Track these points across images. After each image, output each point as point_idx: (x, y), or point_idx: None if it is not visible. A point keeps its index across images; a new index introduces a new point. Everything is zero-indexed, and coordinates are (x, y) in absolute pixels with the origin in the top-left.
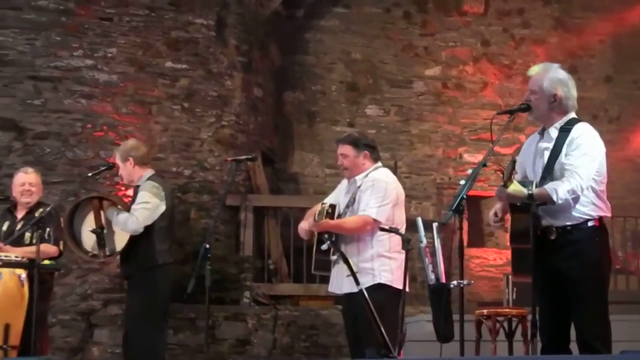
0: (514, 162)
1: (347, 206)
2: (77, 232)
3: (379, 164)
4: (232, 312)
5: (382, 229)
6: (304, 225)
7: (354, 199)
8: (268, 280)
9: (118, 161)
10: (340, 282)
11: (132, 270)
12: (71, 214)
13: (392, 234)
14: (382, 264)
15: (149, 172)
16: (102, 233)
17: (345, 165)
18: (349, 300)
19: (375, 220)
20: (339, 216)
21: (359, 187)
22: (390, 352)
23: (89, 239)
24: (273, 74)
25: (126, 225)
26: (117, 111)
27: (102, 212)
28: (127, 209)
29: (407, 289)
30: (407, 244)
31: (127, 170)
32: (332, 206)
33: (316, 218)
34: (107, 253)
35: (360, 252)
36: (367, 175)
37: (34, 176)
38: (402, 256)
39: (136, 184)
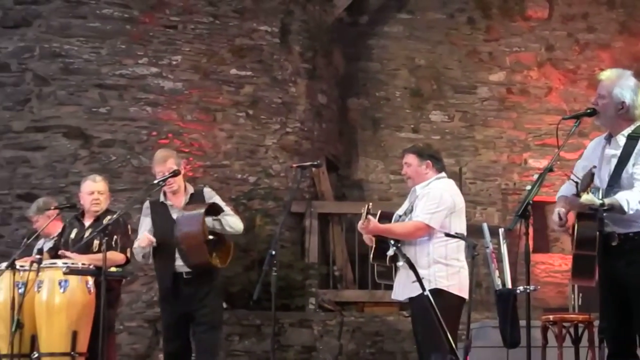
0: (592, 174)
1: (405, 214)
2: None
3: (443, 174)
4: (298, 318)
5: (448, 235)
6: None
7: (412, 207)
8: (333, 287)
9: (173, 165)
10: (402, 289)
11: (211, 279)
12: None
13: (450, 241)
14: (438, 270)
15: None
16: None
17: (408, 174)
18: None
19: (427, 226)
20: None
21: (417, 196)
22: (457, 357)
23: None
24: (337, 80)
25: (238, 226)
26: (182, 119)
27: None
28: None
29: (466, 295)
30: (472, 249)
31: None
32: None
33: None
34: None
35: (417, 259)
36: (427, 185)
37: (102, 184)
38: (460, 263)
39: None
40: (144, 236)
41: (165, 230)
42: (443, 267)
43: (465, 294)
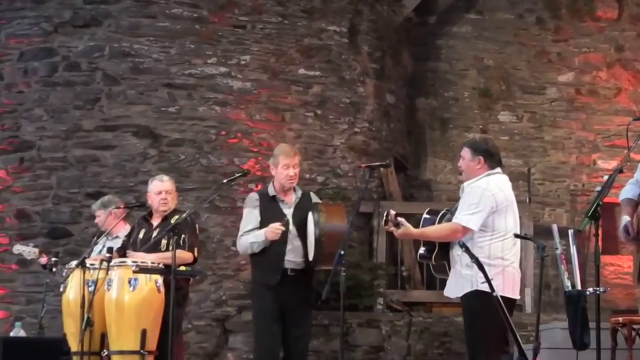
0: None
1: (451, 212)
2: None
3: (496, 170)
4: (366, 318)
5: (517, 236)
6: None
7: (457, 206)
8: (401, 287)
9: (299, 163)
10: (453, 287)
11: (310, 278)
12: None
13: (494, 239)
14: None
15: None
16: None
17: (462, 168)
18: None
19: (465, 228)
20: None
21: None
22: (526, 358)
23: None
24: (405, 80)
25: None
26: (251, 118)
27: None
28: None
29: (512, 294)
30: (542, 251)
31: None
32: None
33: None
34: None
35: (461, 259)
36: (474, 182)
37: (170, 184)
38: (505, 262)
39: (300, 191)
40: (276, 226)
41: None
42: (485, 268)
43: (510, 293)
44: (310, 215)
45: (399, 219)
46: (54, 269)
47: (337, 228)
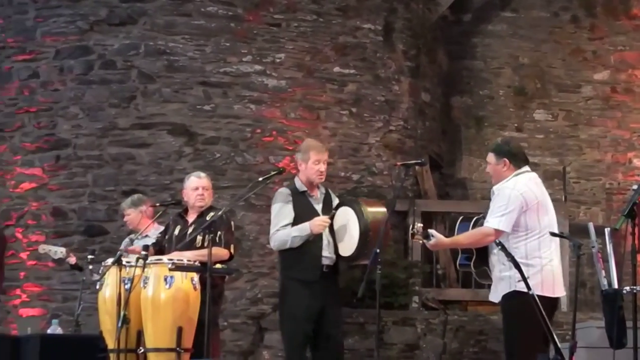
0: None
1: (484, 216)
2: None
3: (523, 169)
4: (401, 316)
5: (553, 234)
6: None
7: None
8: (436, 285)
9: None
10: (494, 290)
11: (338, 275)
12: None
13: (530, 238)
14: (517, 271)
15: None
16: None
17: (490, 174)
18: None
19: (496, 231)
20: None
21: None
22: (562, 358)
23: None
24: (440, 78)
25: None
26: (286, 116)
27: None
28: None
29: (551, 293)
30: (578, 249)
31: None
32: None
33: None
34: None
35: (499, 260)
36: (502, 185)
37: (206, 180)
38: (542, 260)
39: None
40: (323, 219)
41: (308, 220)
42: (523, 268)
43: (550, 292)
44: (349, 210)
45: (430, 230)
46: (83, 269)
47: (380, 222)
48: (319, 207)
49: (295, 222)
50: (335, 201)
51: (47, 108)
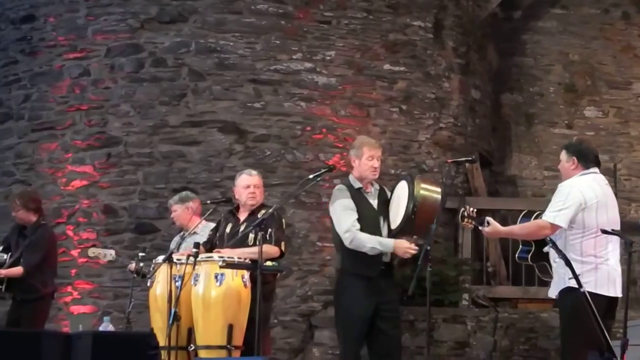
0: None
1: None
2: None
3: (590, 170)
4: (451, 314)
5: (604, 232)
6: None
7: None
8: (487, 283)
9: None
10: (553, 286)
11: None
12: None
13: (586, 236)
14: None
15: None
16: None
17: (560, 170)
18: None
19: (552, 225)
20: None
21: None
22: (614, 355)
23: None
24: (491, 75)
25: None
26: (336, 114)
27: None
28: None
29: (606, 292)
30: (629, 246)
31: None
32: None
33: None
34: None
35: (554, 256)
36: (566, 181)
37: (257, 178)
38: (598, 259)
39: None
40: (408, 247)
41: (366, 216)
42: (578, 265)
43: (604, 291)
44: (405, 185)
45: (487, 218)
46: (147, 274)
47: (429, 202)
48: (374, 202)
49: (358, 216)
50: (389, 196)
51: (98, 106)
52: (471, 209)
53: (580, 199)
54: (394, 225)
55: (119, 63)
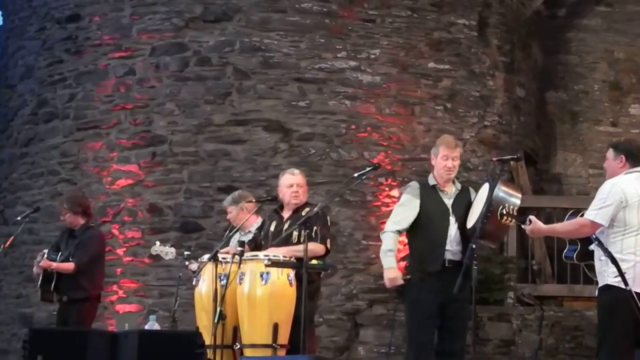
0: None
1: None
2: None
3: (637, 168)
4: (497, 312)
5: None
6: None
7: None
8: (532, 281)
9: (459, 155)
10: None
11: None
12: None
13: (628, 234)
14: (612, 266)
15: None
16: None
17: (606, 168)
18: None
19: (592, 223)
20: None
21: None
22: None
23: None
24: (535, 73)
25: None
26: (381, 112)
27: None
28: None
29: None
30: None
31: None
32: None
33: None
34: None
35: (596, 255)
36: (610, 180)
37: (300, 177)
38: (636, 257)
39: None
40: (392, 282)
41: (435, 213)
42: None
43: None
44: (486, 187)
45: (530, 216)
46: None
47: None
48: (448, 202)
49: (422, 215)
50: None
51: (143, 105)
52: (511, 206)
53: (622, 196)
54: (468, 225)
55: (163, 62)
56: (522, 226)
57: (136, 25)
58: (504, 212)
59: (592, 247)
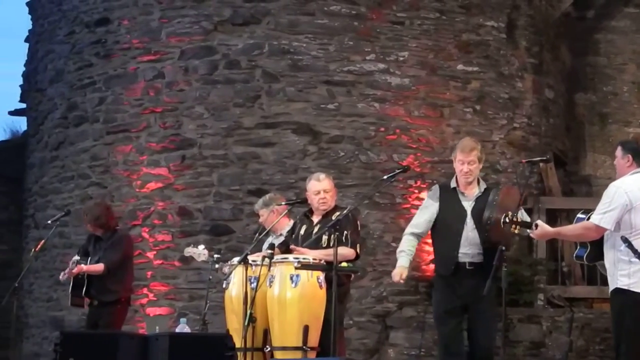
0: None
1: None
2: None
3: None
4: (527, 314)
5: None
6: None
7: None
8: (562, 283)
9: (476, 159)
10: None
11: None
12: None
13: (633, 238)
14: (621, 269)
15: None
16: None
17: (616, 167)
18: None
19: (598, 227)
20: None
21: None
22: None
23: None
24: (564, 75)
25: None
26: (410, 114)
27: None
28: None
29: None
30: None
31: (478, 170)
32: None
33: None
34: None
35: (606, 255)
36: (616, 181)
37: (327, 182)
38: None
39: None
40: (396, 279)
41: (452, 215)
42: (625, 265)
43: None
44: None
45: (537, 221)
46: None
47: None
48: (467, 204)
49: (440, 218)
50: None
51: (173, 108)
52: (511, 213)
53: (625, 200)
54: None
55: (192, 65)
56: (528, 231)
57: (165, 29)
58: (506, 220)
59: (623, 248)
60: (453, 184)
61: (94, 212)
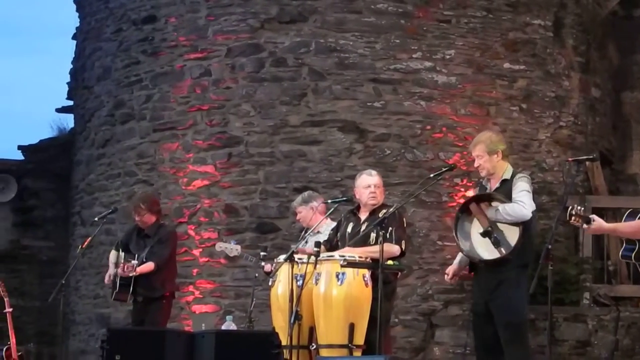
0: None
1: None
2: (467, 239)
3: None
4: (572, 313)
5: None
6: None
7: None
8: (608, 282)
9: (483, 153)
10: None
11: (503, 269)
12: (455, 225)
13: None
14: None
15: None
16: (492, 233)
17: None
18: None
19: None
20: None
21: None
22: None
23: (481, 244)
24: (611, 74)
25: (515, 212)
26: (456, 113)
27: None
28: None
29: None
30: None
31: (492, 163)
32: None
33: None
34: (505, 252)
35: None
36: None
37: (378, 178)
38: None
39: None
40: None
41: None
42: None
43: None
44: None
45: (592, 215)
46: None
47: None
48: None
49: None
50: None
51: (219, 106)
52: (579, 207)
53: None
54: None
55: (239, 63)
56: (585, 226)
57: (212, 27)
58: (573, 212)
59: None
60: (485, 181)
61: (151, 199)
